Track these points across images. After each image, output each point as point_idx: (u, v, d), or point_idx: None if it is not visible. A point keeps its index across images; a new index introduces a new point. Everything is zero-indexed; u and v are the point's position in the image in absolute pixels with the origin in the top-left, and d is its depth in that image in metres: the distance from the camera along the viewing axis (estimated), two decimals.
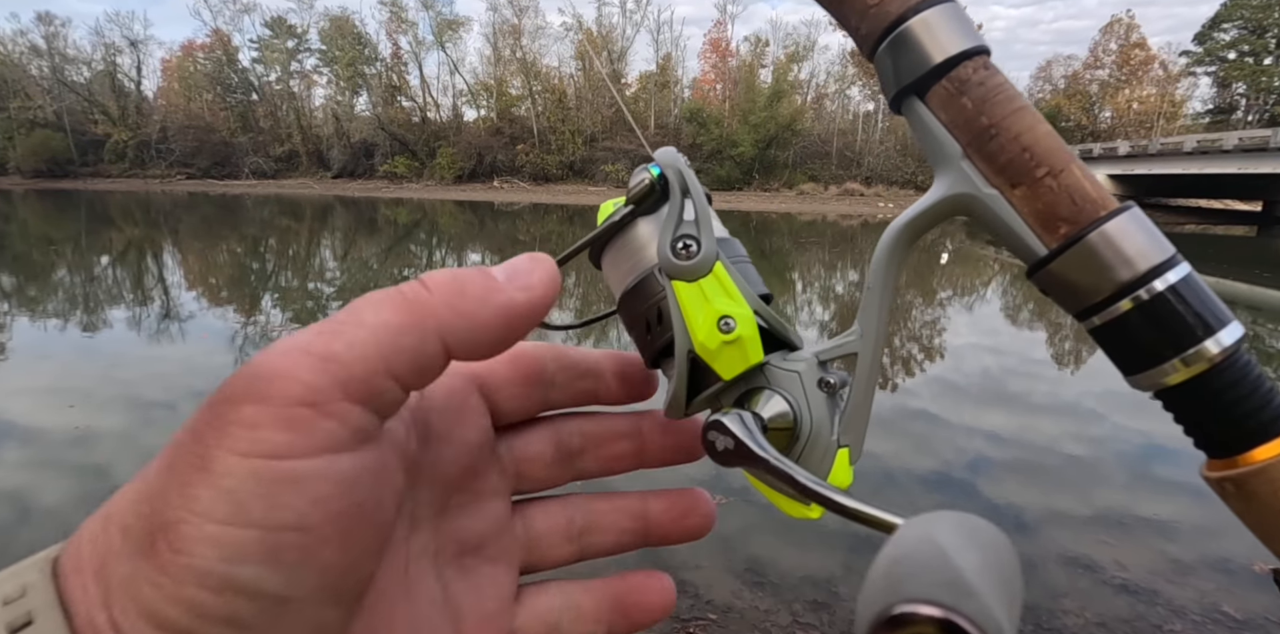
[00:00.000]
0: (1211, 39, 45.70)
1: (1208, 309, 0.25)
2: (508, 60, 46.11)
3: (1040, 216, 0.26)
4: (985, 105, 0.27)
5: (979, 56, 0.27)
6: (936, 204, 0.29)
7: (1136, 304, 0.25)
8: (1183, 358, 0.25)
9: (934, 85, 0.27)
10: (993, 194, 0.27)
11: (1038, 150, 0.26)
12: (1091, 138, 40.78)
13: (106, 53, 51.58)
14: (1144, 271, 0.25)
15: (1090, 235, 0.25)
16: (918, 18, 0.27)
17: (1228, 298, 2.10)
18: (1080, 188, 0.26)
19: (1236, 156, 23.54)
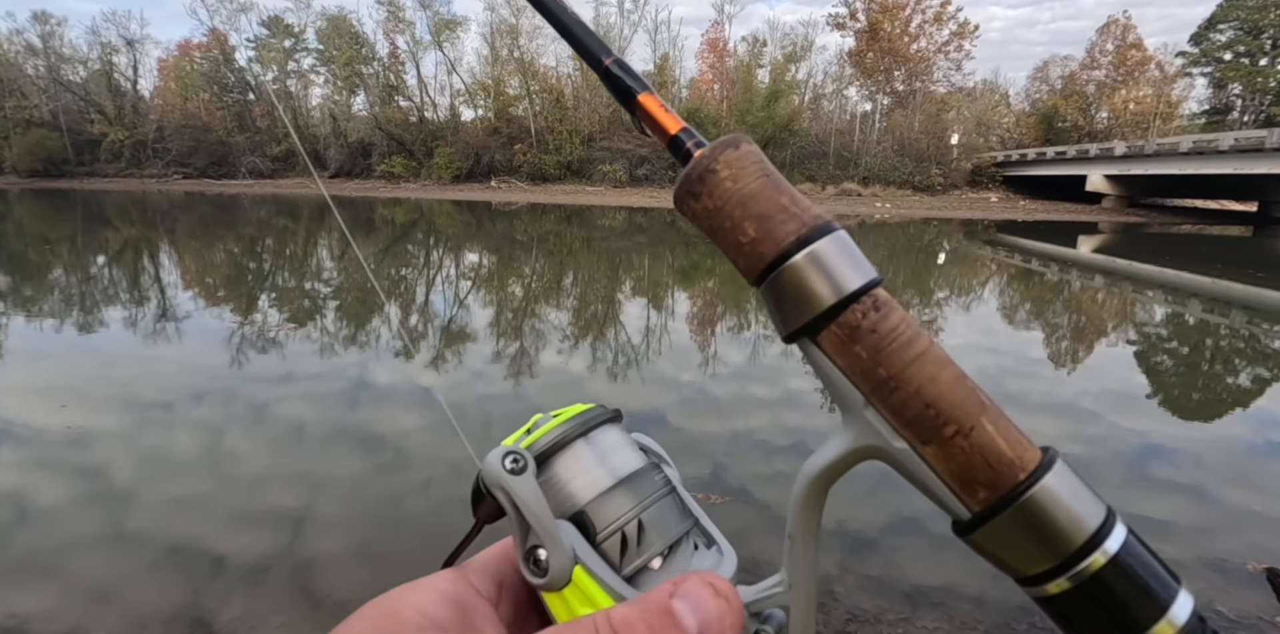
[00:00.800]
0: (1208, 40, 45.83)
1: (1155, 579, 0.23)
2: (505, 60, 46.07)
3: (956, 478, 0.25)
4: (880, 355, 0.25)
5: (868, 296, 0.26)
6: (847, 454, 0.27)
7: (1077, 582, 0.23)
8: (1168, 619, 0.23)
9: (824, 329, 0.26)
10: (903, 449, 0.25)
11: (942, 407, 0.24)
12: (1088, 138, 40.84)
13: (103, 52, 51.48)
14: (1080, 544, 0.23)
15: (1012, 507, 0.24)
16: (797, 257, 0.26)
17: (1224, 298, 2.09)
18: (994, 448, 0.24)
19: (1232, 157, 23.59)
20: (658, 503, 0.31)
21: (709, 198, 0.27)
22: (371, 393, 4.64)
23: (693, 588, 0.24)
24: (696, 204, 0.28)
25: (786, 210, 0.27)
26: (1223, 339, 7.57)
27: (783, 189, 0.27)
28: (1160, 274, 12.75)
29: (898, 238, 19.38)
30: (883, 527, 2.90)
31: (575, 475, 0.30)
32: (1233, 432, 4.51)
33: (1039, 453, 0.24)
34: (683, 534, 0.31)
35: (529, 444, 0.31)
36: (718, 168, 0.27)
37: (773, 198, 0.27)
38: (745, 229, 0.27)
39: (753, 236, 0.26)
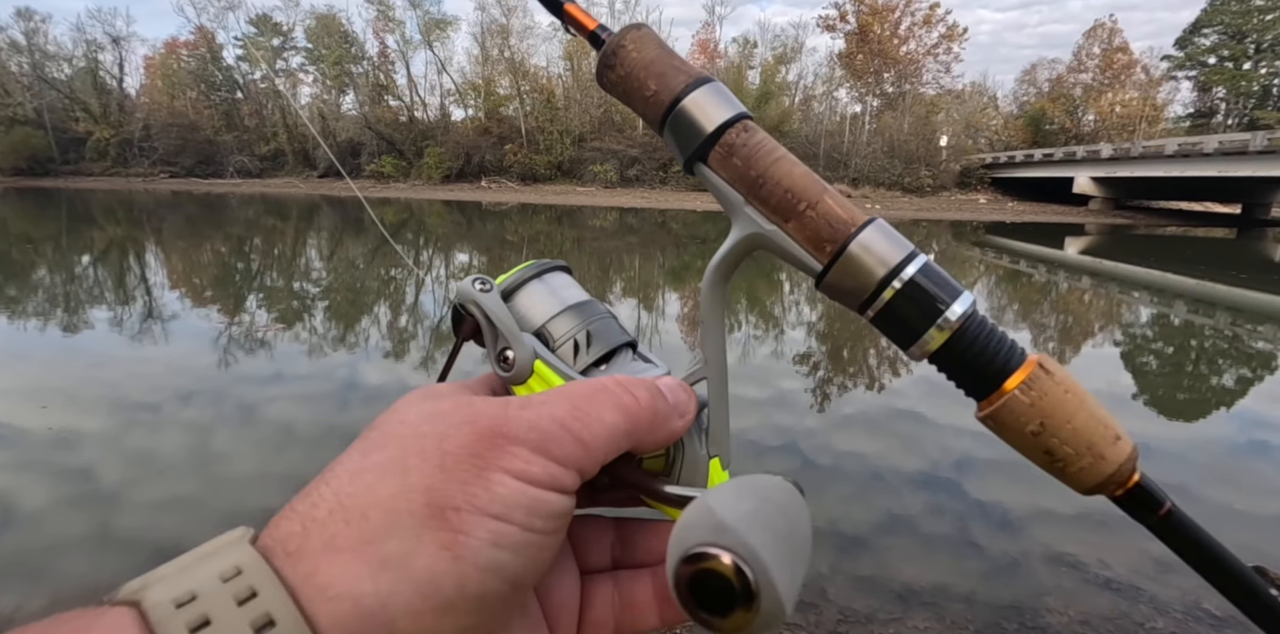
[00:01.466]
0: (1192, 44, 46.35)
1: (945, 288, 0.32)
2: (496, 60, 45.95)
3: (811, 240, 0.33)
4: (751, 161, 0.33)
5: (739, 123, 0.34)
6: (736, 244, 0.35)
7: (895, 292, 0.32)
8: (936, 325, 0.31)
9: (710, 151, 0.34)
10: (773, 229, 0.34)
11: (796, 190, 0.33)
12: (1075, 140, 41.20)
13: (88, 49, 50.92)
14: (893, 267, 0.32)
15: (848, 248, 0.32)
16: (686, 100, 0.34)
17: (1208, 299, 2.11)
18: (834, 213, 0.33)
19: (1217, 160, 23.86)
20: (600, 321, 0.38)
21: (620, 67, 0.36)
22: (362, 393, 4.61)
23: (669, 381, 0.33)
24: (612, 74, 0.36)
25: (677, 69, 0.35)
26: (1207, 340, 7.65)
27: (674, 55, 0.36)
28: (1146, 275, 12.88)
29: None
30: (873, 526, 2.91)
31: (534, 304, 0.38)
32: (1216, 431, 4.56)
33: (864, 216, 0.33)
34: (623, 343, 0.38)
35: (498, 283, 0.38)
36: (625, 43, 0.36)
37: (667, 60, 0.35)
38: (648, 85, 0.35)
39: (654, 89, 0.35)
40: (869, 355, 6.30)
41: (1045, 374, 0.32)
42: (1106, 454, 0.32)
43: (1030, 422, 0.31)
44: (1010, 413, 0.31)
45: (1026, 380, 0.31)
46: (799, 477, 1.74)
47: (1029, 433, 0.31)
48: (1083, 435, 0.31)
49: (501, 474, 0.24)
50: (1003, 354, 0.32)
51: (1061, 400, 0.31)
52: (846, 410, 4.61)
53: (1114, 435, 0.32)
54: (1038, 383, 0.31)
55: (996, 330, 0.33)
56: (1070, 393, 0.32)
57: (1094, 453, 0.32)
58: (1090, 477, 0.32)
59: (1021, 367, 0.32)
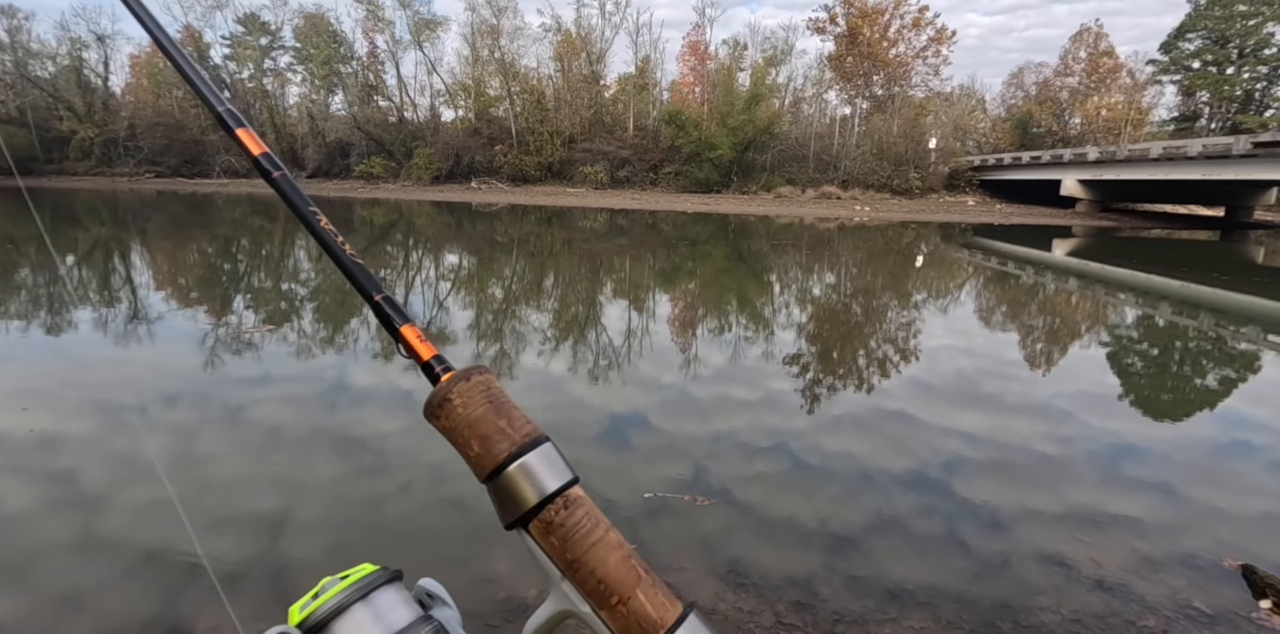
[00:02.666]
0: (1176, 48, 46.87)
1: None
2: (486, 61, 45.80)
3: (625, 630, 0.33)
4: (568, 543, 0.33)
5: (561, 497, 0.34)
6: (550, 618, 0.35)
7: None
8: None
9: (531, 521, 0.34)
10: (588, 612, 0.33)
11: (610, 582, 0.33)
12: (1062, 143, 41.55)
13: (72, 47, 50.33)
14: None
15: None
16: (505, 472, 0.34)
17: (1192, 301, 2.13)
18: (643, 613, 0.33)
19: (1200, 163, 24.15)
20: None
21: (446, 418, 0.36)
22: (350, 395, 4.58)
23: None
24: (438, 422, 0.36)
25: (502, 431, 0.35)
26: (1191, 341, 7.73)
27: (503, 412, 0.35)
28: (1131, 277, 13.00)
29: (876, 241, 19.55)
30: (865, 527, 2.92)
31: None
32: (1200, 431, 4.60)
33: (678, 610, 0.33)
34: None
35: (312, 610, 0.36)
36: (452, 397, 0.36)
37: (492, 422, 0.35)
38: (471, 445, 0.35)
39: (477, 451, 0.35)
40: (858, 356, 6.32)
41: None
42: None
43: None
44: None
45: None
46: (790, 478, 1.75)
47: None
48: None
49: None
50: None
51: None
52: (836, 411, 4.62)
53: None
54: None
55: None
56: None
57: None
58: None
59: None
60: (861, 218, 28.23)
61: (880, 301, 9.52)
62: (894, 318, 8.30)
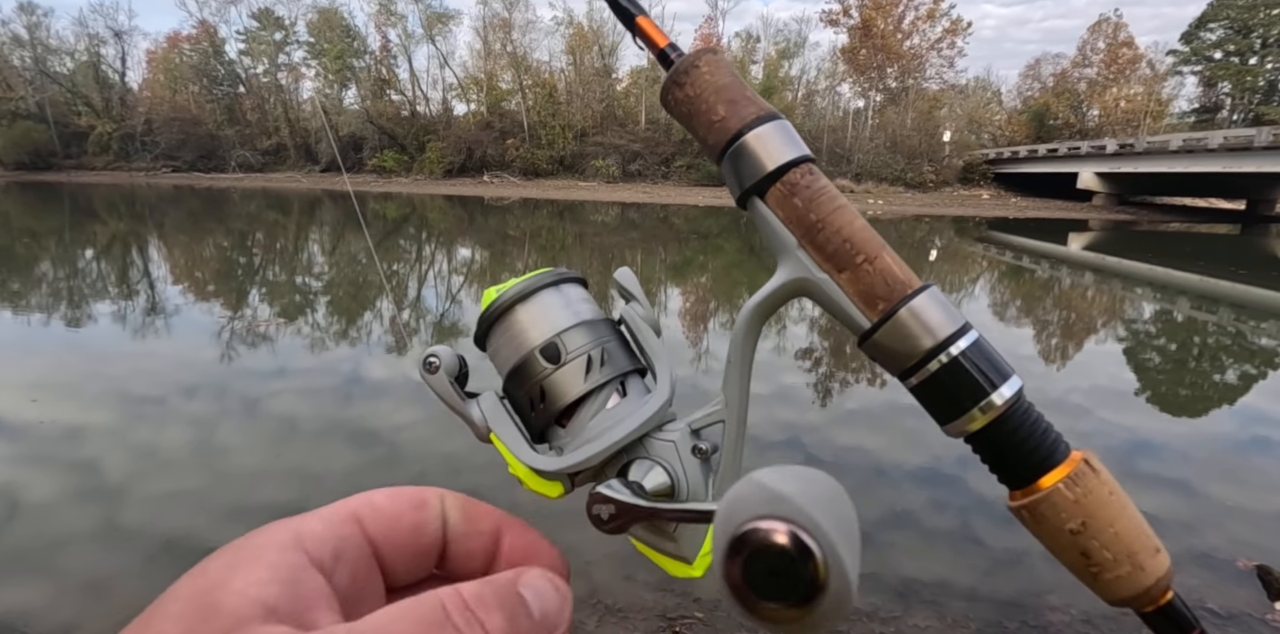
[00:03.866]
0: (1198, 38, 46.08)
1: (994, 368, 0.30)
2: (498, 54, 45.81)
3: (863, 296, 0.31)
4: (812, 204, 0.32)
5: (805, 164, 0.33)
6: (780, 287, 0.34)
7: (941, 366, 0.30)
8: (980, 407, 0.30)
9: (770, 188, 0.33)
10: (824, 278, 0.32)
11: (856, 241, 0.31)
12: (1079, 136, 41.02)
13: (90, 43, 50.88)
14: (943, 339, 0.30)
15: (900, 311, 0.31)
16: (753, 132, 0.33)
17: (1212, 296, 2.10)
18: (891, 272, 0.31)
19: (1221, 155, 23.76)
20: (613, 343, 0.37)
21: (690, 87, 0.35)
22: (365, 387, 4.62)
23: (536, 580, 0.25)
24: (680, 92, 0.35)
25: (750, 99, 0.34)
26: (1210, 336, 7.63)
27: (747, 86, 0.34)
28: (1149, 272, 12.85)
29: (889, 234, 19.42)
30: (875, 522, 2.91)
31: (546, 314, 0.37)
32: (1217, 428, 4.55)
33: (920, 282, 0.31)
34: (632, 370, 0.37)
35: (504, 289, 0.37)
36: (700, 64, 0.35)
37: (740, 89, 0.34)
38: (717, 110, 0.34)
39: (723, 115, 0.33)
40: None
41: (1091, 472, 0.30)
42: (1146, 565, 0.30)
43: (1072, 519, 0.30)
44: (1052, 507, 0.30)
45: (1072, 476, 0.30)
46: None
47: (1068, 531, 0.30)
48: (1125, 541, 0.30)
49: None
50: (1047, 445, 0.31)
51: (1106, 502, 0.30)
52: (849, 406, 4.61)
53: (1155, 546, 0.31)
54: (1084, 480, 0.30)
55: (1043, 420, 0.31)
56: (1115, 496, 0.30)
57: (1134, 562, 0.30)
58: (1125, 587, 0.30)
59: (1066, 461, 0.30)
60: (874, 211, 28.05)
61: None
62: None
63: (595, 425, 0.35)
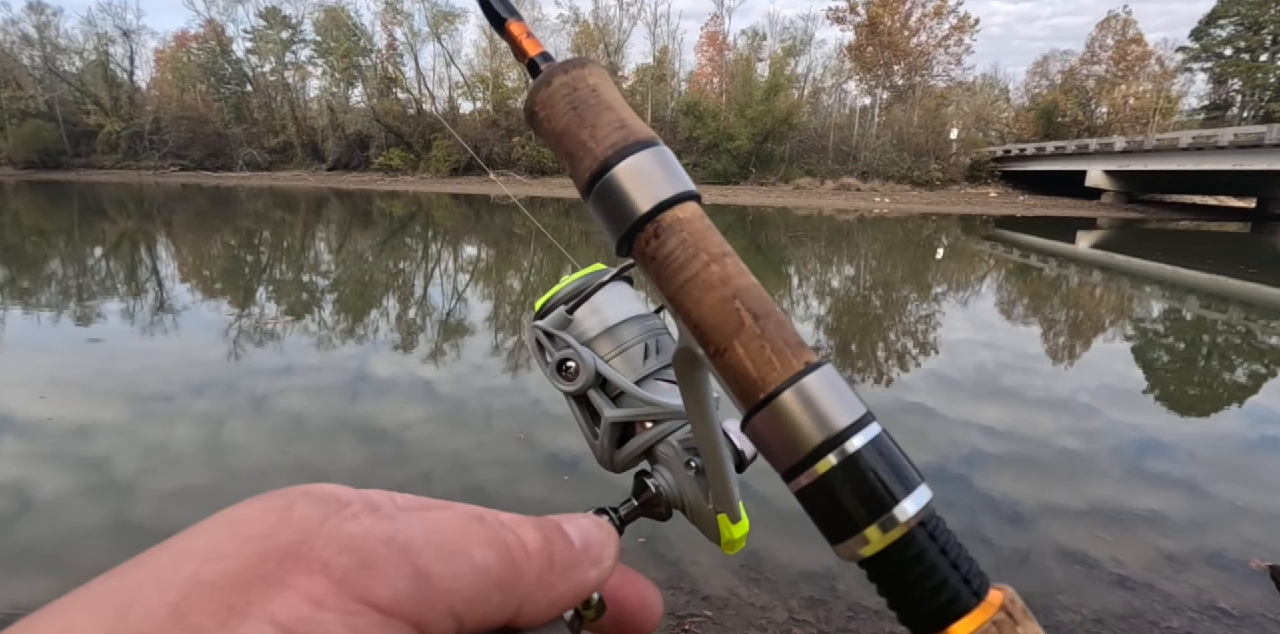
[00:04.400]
0: (1208, 35, 45.71)
1: (898, 474, 0.24)
2: (504, 52, 45.78)
3: (730, 387, 0.26)
4: (660, 280, 0.27)
5: (650, 223, 0.27)
6: (679, 352, 0.30)
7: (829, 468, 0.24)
8: (880, 523, 0.24)
9: (629, 249, 0.28)
10: (701, 355, 0.27)
11: (704, 329, 0.26)
12: (1087, 133, 40.78)
13: (99, 42, 51.15)
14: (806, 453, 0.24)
15: (752, 420, 0.25)
16: (594, 189, 0.28)
17: (1221, 294, 2.08)
18: (741, 369, 0.25)
19: (1231, 153, 23.58)
20: (663, 335, 0.40)
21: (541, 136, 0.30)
22: (372, 385, 4.63)
23: (579, 518, 0.24)
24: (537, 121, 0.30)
25: (585, 147, 0.28)
26: (1219, 335, 7.58)
27: (585, 122, 0.28)
28: (1159, 270, 12.76)
29: (896, 233, 19.36)
30: None
31: (605, 306, 0.39)
32: (1228, 427, 4.52)
33: (788, 372, 0.25)
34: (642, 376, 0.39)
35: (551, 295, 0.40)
36: (536, 110, 0.30)
37: (575, 135, 0.28)
38: (566, 164, 0.29)
39: (571, 170, 0.29)
40: (877, 349, 6.27)
41: (1010, 622, 0.23)
42: None
43: None
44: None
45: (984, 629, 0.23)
46: None
47: None
48: None
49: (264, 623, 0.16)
50: (955, 581, 0.24)
51: None
52: None
53: None
54: None
55: (958, 548, 0.25)
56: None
57: None
58: None
59: (980, 606, 0.23)
60: (881, 209, 27.96)
61: (900, 294, 9.44)
62: (913, 310, 8.23)
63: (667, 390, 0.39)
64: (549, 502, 2.92)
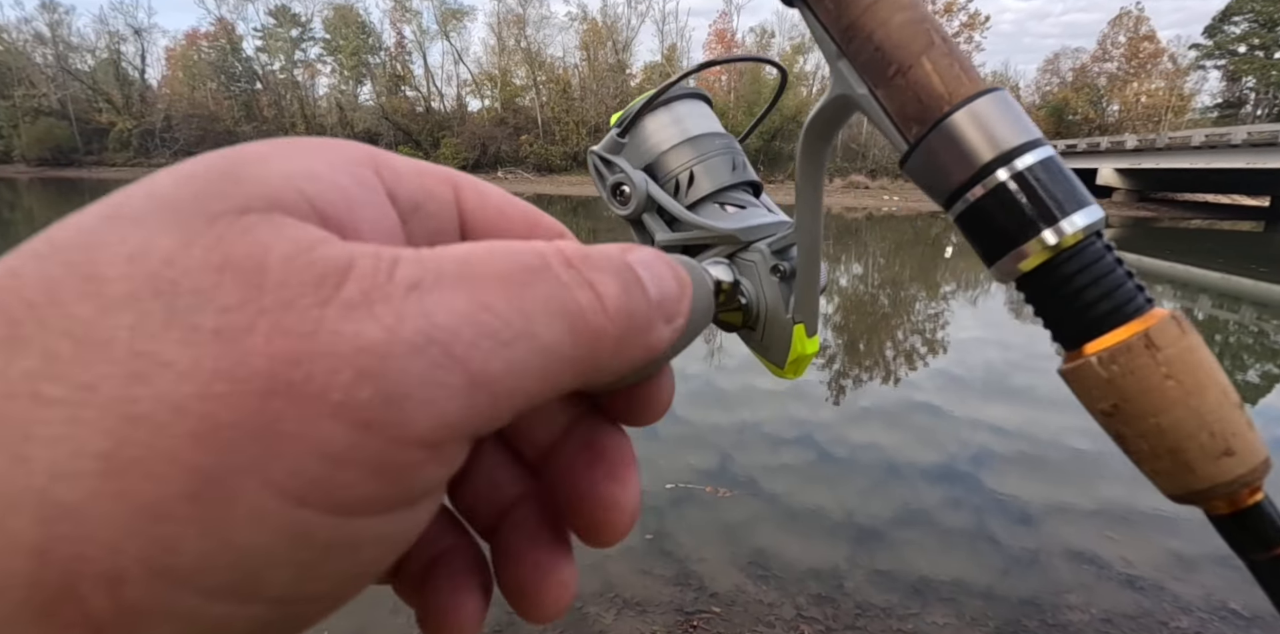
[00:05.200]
0: (1221, 32, 45.30)
1: (1066, 192, 0.24)
2: (512, 50, 45.90)
3: (898, 116, 0.26)
4: (843, 4, 0.26)
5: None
6: (826, 106, 0.29)
7: (991, 188, 0.24)
8: (1038, 239, 0.24)
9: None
10: (864, 94, 0.27)
11: (887, 47, 0.25)
12: (1099, 131, 40.51)
13: (110, 41, 51.50)
14: (998, 154, 0.24)
15: (932, 133, 0.25)
16: None
17: (1233, 294, 2.06)
18: (926, 84, 0.25)
19: (1245, 151, 23.35)
20: (717, 157, 0.38)
21: None
22: None
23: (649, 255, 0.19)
24: None
25: None
26: (1231, 335, 7.52)
27: None
28: (1170, 269, 12.67)
29: (905, 231, 19.29)
30: (890, 519, 2.90)
31: (652, 133, 0.38)
32: None
33: (975, 88, 0.25)
34: (735, 184, 0.38)
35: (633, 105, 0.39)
36: None
37: None
38: None
39: None
40: (885, 348, 6.26)
41: (1148, 347, 0.23)
42: (1197, 467, 0.24)
43: (1101, 400, 0.25)
44: (1080, 382, 0.25)
45: (1118, 348, 0.23)
46: (815, 469, 1.75)
47: (1098, 411, 0.26)
48: (1169, 437, 0.24)
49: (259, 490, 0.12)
50: (1111, 299, 0.24)
51: (1155, 387, 0.23)
52: (863, 403, 4.58)
53: (1221, 449, 0.24)
54: (1129, 356, 0.23)
55: (1119, 267, 0.25)
56: (1174, 379, 0.23)
57: (1177, 460, 0.24)
58: (1171, 484, 0.25)
59: (1125, 325, 0.24)
60: (890, 208, 27.86)
61: (908, 292, 9.41)
62: (922, 309, 8.20)
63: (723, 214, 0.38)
64: None
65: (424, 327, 0.13)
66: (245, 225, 0.13)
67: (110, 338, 0.11)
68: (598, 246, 0.19)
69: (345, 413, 0.12)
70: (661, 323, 0.18)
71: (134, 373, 0.11)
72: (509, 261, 0.15)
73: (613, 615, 2.20)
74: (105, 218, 0.14)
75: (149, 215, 0.13)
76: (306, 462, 0.12)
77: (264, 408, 0.12)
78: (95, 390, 0.11)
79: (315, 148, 0.16)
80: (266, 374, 0.12)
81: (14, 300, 0.12)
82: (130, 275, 0.12)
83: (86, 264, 0.13)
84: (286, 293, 0.12)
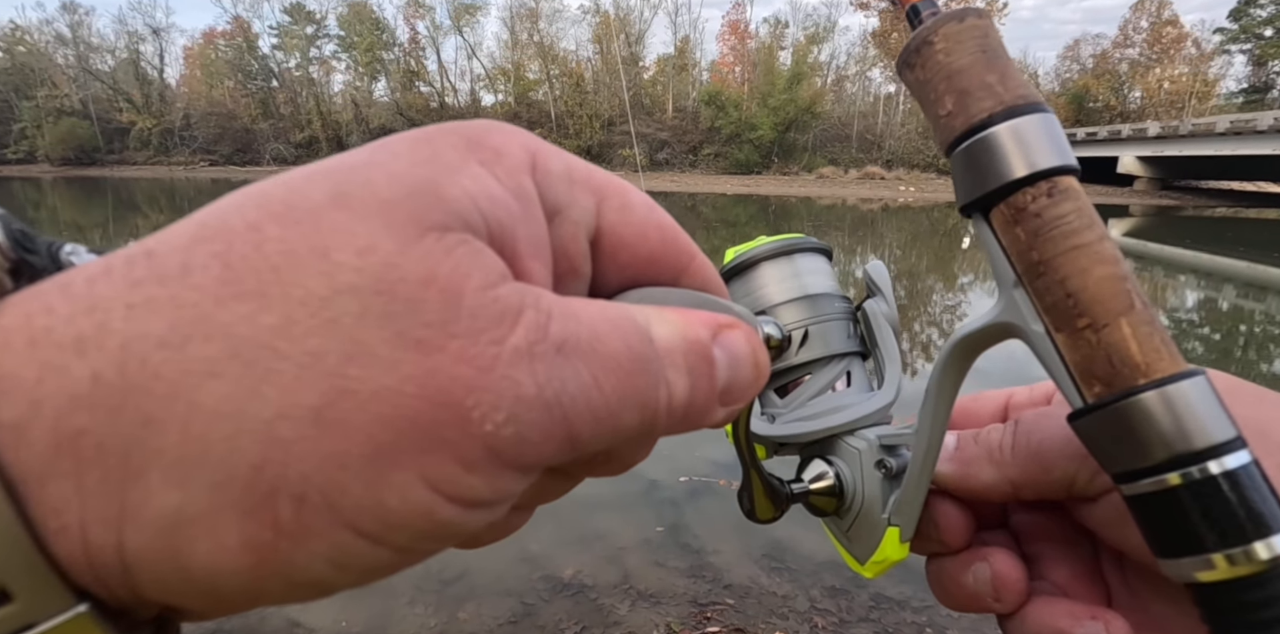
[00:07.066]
0: (1247, 16, 44.26)
1: (1268, 506, 0.22)
2: (525, 44, 45.90)
3: (1079, 368, 0.25)
4: (1037, 240, 0.25)
5: (1045, 181, 0.25)
6: (989, 326, 0.29)
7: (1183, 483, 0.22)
8: (1228, 555, 0.22)
9: (994, 206, 0.26)
10: (1038, 331, 0.26)
11: (1083, 298, 0.24)
12: (1120, 119, 39.83)
13: (130, 41, 52.20)
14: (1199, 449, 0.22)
15: (1121, 404, 0.23)
16: (979, 136, 0.26)
17: (1259, 283, 2.04)
18: (1123, 348, 0.24)
19: (1271, 137, 22.85)
20: (832, 322, 0.36)
21: (921, 69, 0.28)
22: None
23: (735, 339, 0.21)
24: (910, 75, 0.28)
25: (989, 88, 0.26)
26: (1257, 325, 7.40)
27: (994, 66, 0.27)
28: (1194, 258, 12.46)
29: (921, 222, 19.11)
30: None
31: (768, 283, 0.37)
32: None
33: (1176, 368, 0.23)
34: (845, 353, 0.37)
35: (749, 247, 0.38)
36: (934, 40, 0.27)
37: (979, 75, 0.27)
38: (945, 102, 0.27)
39: (950, 110, 0.27)
40: (902, 339, 6.22)
41: None
42: None
43: None
44: None
45: None
46: None
47: None
48: None
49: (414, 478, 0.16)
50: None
51: None
52: None
53: None
54: None
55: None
56: None
57: None
58: None
59: None
60: (906, 198, 27.61)
61: (925, 283, 9.34)
62: (939, 300, 8.14)
63: (817, 404, 0.36)
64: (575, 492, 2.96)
65: (558, 392, 0.17)
66: (448, 245, 0.16)
67: (335, 319, 0.15)
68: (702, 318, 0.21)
69: (489, 440, 0.16)
70: (719, 408, 0.21)
71: (349, 355, 0.15)
72: (624, 346, 0.18)
73: (627, 607, 2.23)
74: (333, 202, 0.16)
75: (372, 214, 0.16)
76: (449, 463, 0.16)
77: (436, 416, 0.15)
78: (319, 359, 0.15)
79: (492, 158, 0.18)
80: (446, 391, 0.15)
81: (260, 260, 0.15)
82: (360, 268, 0.15)
83: (321, 245, 0.15)
84: (475, 324, 0.16)
